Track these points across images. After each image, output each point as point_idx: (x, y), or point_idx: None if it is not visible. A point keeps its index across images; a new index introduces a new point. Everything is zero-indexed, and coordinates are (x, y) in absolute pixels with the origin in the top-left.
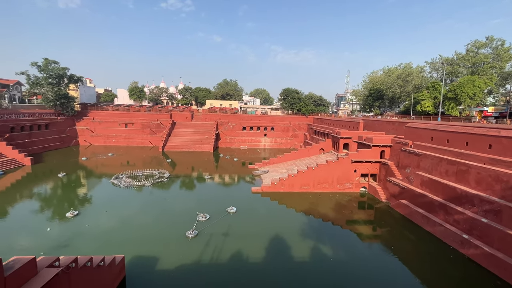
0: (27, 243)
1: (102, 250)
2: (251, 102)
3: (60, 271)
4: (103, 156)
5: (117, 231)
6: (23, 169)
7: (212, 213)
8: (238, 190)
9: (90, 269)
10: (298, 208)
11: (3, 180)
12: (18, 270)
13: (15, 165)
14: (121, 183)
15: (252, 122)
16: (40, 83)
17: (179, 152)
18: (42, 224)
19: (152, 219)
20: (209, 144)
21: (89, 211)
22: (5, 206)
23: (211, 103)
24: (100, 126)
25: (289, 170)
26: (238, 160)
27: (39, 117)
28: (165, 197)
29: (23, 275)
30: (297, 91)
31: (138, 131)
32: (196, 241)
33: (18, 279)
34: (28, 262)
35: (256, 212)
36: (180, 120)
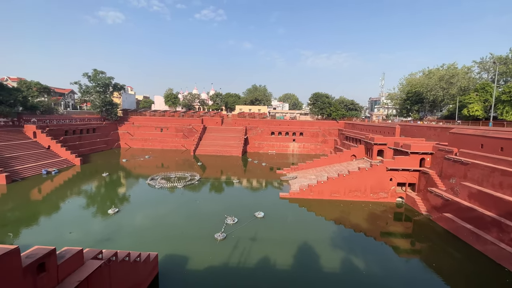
0: (74, 235)
1: (138, 246)
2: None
3: (102, 263)
4: (140, 158)
5: (151, 229)
6: (73, 168)
7: (240, 217)
8: (266, 195)
9: (127, 264)
10: (328, 216)
11: (57, 177)
12: (68, 260)
13: (67, 164)
14: (156, 184)
15: (281, 127)
16: (90, 91)
17: (209, 156)
18: (88, 219)
19: (183, 219)
20: (238, 149)
21: (128, 209)
22: (58, 201)
23: (240, 108)
24: (139, 130)
25: (318, 177)
26: (266, 165)
27: (87, 122)
28: (195, 198)
29: (72, 264)
30: (327, 96)
31: (172, 135)
32: (224, 243)
33: (68, 267)
34: (76, 253)
35: (284, 218)
36: (210, 125)
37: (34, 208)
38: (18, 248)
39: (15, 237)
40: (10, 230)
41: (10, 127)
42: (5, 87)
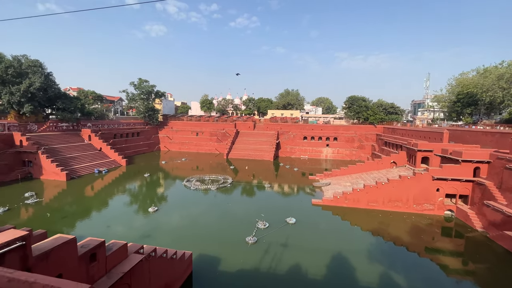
0: (119, 229)
1: (174, 244)
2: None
3: (143, 258)
4: (177, 160)
5: (186, 229)
6: (120, 168)
7: (271, 222)
8: (298, 201)
9: (165, 260)
10: (364, 227)
11: (107, 176)
12: (115, 252)
13: (115, 165)
14: (191, 186)
15: (314, 132)
16: (135, 98)
17: (241, 160)
18: (131, 215)
19: (216, 221)
20: (270, 153)
21: (166, 208)
22: (107, 198)
23: (273, 113)
24: (177, 134)
25: (353, 184)
26: (298, 170)
27: (133, 127)
28: (227, 201)
29: (118, 256)
30: (364, 99)
31: (207, 139)
32: (255, 247)
33: (114, 259)
34: (122, 246)
35: (317, 225)
36: (243, 129)
37: (87, 203)
38: (75, 238)
39: (71, 228)
40: (68, 221)
41: (70, 131)
42: (68, 96)
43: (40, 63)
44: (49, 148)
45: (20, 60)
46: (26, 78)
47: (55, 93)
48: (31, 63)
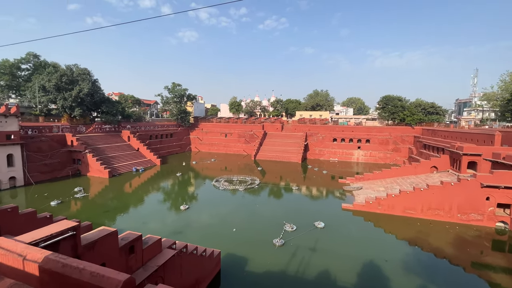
0: (152, 225)
1: (203, 241)
2: (343, 112)
3: (176, 253)
4: (207, 161)
5: (215, 227)
6: (155, 168)
7: (299, 225)
8: (327, 205)
9: (195, 257)
10: (400, 235)
11: (143, 175)
12: (151, 246)
13: (150, 164)
14: (220, 186)
15: (344, 133)
16: (169, 101)
17: (269, 161)
18: (164, 212)
19: (243, 221)
20: (298, 155)
21: (196, 207)
22: (143, 195)
23: (301, 114)
24: (207, 136)
25: (388, 189)
26: (327, 173)
27: (166, 128)
28: (255, 202)
29: (153, 250)
30: (400, 98)
31: (235, 140)
32: (282, 250)
33: (150, 253)
34: (156, 241)
35: (347, 231)
36: (271, 130)
37: (125, 199)
38: (116, 230)
39: (112, 221)
40: (110, 215)
41: (112, 132)
42: (111, 100)
43: (88, 71)
44: (95, 148)
45: (72, 69)
46: (77, 85)
47: (100, 98)
48: (81, 71)
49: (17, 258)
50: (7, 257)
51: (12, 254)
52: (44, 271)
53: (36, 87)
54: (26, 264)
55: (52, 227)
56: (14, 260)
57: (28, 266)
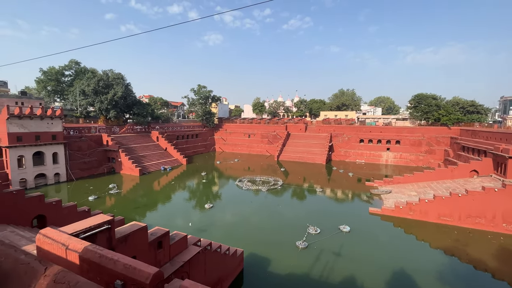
0: (178, 222)
1: (226, 240)
2: (371, 111)
3: (200, 250)
4: (231, 161)
5: (238, 226)
6: (181, 167)
7: (323, 228)
8: (353, 208)
9: (218, 255)
10: (434, 244)
11: (171, 173)
12: (177, 242)
13: (177, 163)
14: (243, 186)
15: (372, 134)
16: (195, 103)
17: (292, 162)
18: (190, 210)
19: (266, 222)
20: (322, 156)
21: (220, 205)
22: (170, 193)
23: (325, 114)
24: (230, 136)
25: (420, 194)
26: (353, 175)
27: (192, 129)
28: (278, 203)
29: (179, 246)
30: (435, 97)
31: (258, 141)
32: (306, 253)
33: (176, 248)
34: (183, 237)
35: (375, 236)
36: (294, 131)
37: (154, 196)
38: (146, 226)
39: (142, 217)
40: (140, 211)
41: (143, 133)
42: (141, 103)
43: (122, 75)
44: (127, 147)
45: (107, 74)
46: (112, 89)
47: (132, 101)
48: (116, 76)
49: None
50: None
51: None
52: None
53: (77, 91)
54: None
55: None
56: (59, 249)
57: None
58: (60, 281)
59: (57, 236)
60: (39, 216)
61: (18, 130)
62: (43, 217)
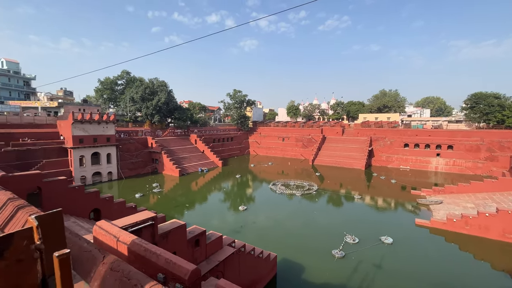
0: (214, 222)
1: (259, 243)
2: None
3: (235, 251)
4: (265, 164)
5: (271, 230)
6: (217, 169)
7: (361, 237)
8: (396, 218)
9: (252, 257)
10: (496, 264)
11: (207, 175)
12: (213, 242)
13: (213, 165)
14: (277, 189)
15: (418, 138)
16: (230, 107)
17: (327, 167)
18: (225, 211)
19: (300, 227)
20: (361, 161)
21: (253, 208)
22: (206, 193)
23: (365, 117)
24: (264, 140)
25: (479, 206)
26: (397, 183)
27: (227, 132)
28: (312, 209)
29: (215, 246)
30: (497, 95)
31: (292, 144)
32: (342, 263)
33: (212, 248)
34: (218, 237)
35: (423, 251)
36: (330, 135)
37: (192, 196)
38: (185, 224)
39: (180, 215)
40: (179, 210)
41: (183, 136)
42: (182, 108)
43: (165, 83)
44: (168, 150)
45: (153, 82)
46: (156, 95)
47: (173, 106)
48: (160, 83)
49: (113, 239)
50: (106, 236)
51: (109, 235)
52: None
53: (127, 98)
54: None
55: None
56: (111, 240)
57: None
58: (115, 269)
59: (110, 228)
60: (95, 210)
61: (80, 133)
62: (98, 210)
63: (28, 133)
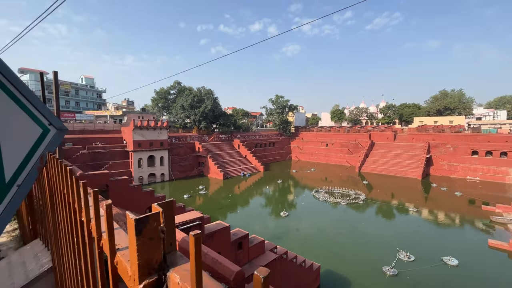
0: (256, 227)
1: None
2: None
3: (277, 257)
4: (307, 170)
5: (313, 239)
6: (259, 174)
7: (418, 255)
8: (462, 237)
9: (294, 265)
10: None
11: (249, 179)
12: (256, 245)
13: (255, 170)
14: (320, 197)
15: (491, 144)
16: (272, 113)
17: (376, 175)
18: (266, 216)
19: (345, 239)
20: (416, 170)
21: (295, 215)
22: (248, 197)
23: (421, 120)
24: (307, 145)
25: None
26: (462, 195)
27: (269, 138)
28: (359, 219)
29: (257, 250)
30: None
31: (337, 150)
32: (395, 281)
33: (254, 252)
34: (260, 241)
35: (497, 279)
36: (379, 140)
37: (234, 199)
38: (229, 226)
39: (223, 217)
40: (222, 212)
41: (227, 141)
42: (226, 114)
43: (211, 91)
44: (213, 154)
45: (200, 90)
46: (203, 103)
47: (218, 112)
48: (206, 91)
49: None
50: None
51: None
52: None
53: (178, 106)
54: None
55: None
56: None
57: None
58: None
59: None
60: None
61: (139, 138)
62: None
63: (99, 138)
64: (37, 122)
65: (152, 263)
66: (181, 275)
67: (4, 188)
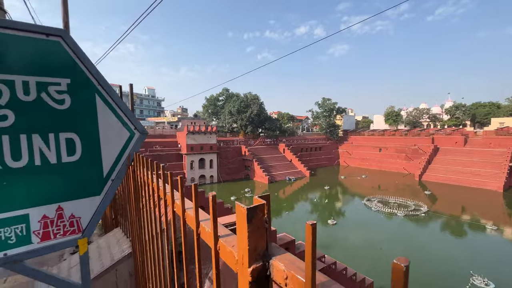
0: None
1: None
2: None
3: (325, 267)
4: (357, 177)
5: (364, 251)
6: (304, 178)
7: (499, 283)
8: None
9: (343, 278)
10: None
11: (294, 184)
12: (302, 252)
13: (301, 175)
14: (372, 206)
15: None
16: (319, 116)
17: (442, 185)
18: None
19: (402, 254)
20: (496, 180)
21: (344, 224)
22: (293, 202)
23: (501, 122)
24: (357, 150)
25: None
26: None
27: (316, 142)
28: (419, 234)
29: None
30: None
31: (392, 155)
32: None
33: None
34: None
35: None
36: (445, 145)
37: (279, 204)
38: (275, 230)
39: None
40: None
41: (272, 145)
42: (271, 118)
43: (257, 96)
44: (259, 158)
45: (247, 96)
46: (249, 108)
47: (264, 117)
48: (253, 97)
49: None
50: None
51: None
52: None
53: (226, 112)
54: None
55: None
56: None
57: None
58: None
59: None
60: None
61: (192, 142)
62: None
63: (158, 142)
64: (126, 127)
65: (258, 250)
66: (285, 263)
67: (102, 182)
